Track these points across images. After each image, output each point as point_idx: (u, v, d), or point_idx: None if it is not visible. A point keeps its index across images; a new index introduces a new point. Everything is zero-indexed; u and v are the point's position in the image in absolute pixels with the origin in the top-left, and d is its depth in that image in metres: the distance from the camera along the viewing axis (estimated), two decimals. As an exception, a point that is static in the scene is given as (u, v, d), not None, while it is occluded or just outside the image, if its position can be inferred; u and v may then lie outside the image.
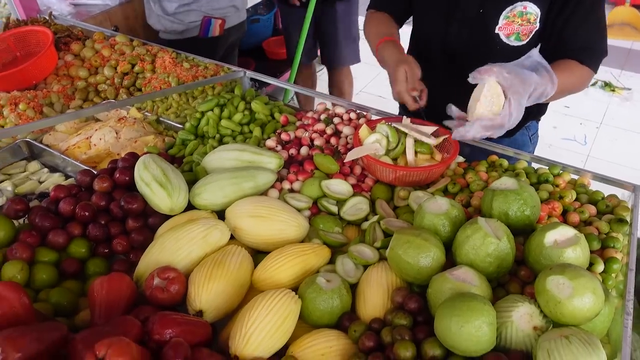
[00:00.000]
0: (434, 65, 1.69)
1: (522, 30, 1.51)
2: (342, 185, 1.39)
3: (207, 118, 1.68)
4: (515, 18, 1.50)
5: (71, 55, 2.15)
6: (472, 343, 0.87)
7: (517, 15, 1.49)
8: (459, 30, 1.59)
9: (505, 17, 1.50)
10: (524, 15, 1.49)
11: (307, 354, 0.99)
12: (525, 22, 1.50)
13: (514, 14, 1.49)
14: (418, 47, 1.76)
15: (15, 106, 1.85)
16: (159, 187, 1.28)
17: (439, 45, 1.66)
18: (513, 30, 1.52)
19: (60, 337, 0.86)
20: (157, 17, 2.55)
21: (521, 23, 1.50)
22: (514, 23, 1.51)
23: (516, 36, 1.52)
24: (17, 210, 1.28)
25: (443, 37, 1.64)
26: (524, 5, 1.48)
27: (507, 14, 1.50)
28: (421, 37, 1.74)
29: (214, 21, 2.54)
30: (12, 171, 1.69)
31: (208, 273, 1.10)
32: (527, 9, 1.48)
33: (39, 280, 1.16)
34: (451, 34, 1.61)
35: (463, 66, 1.61)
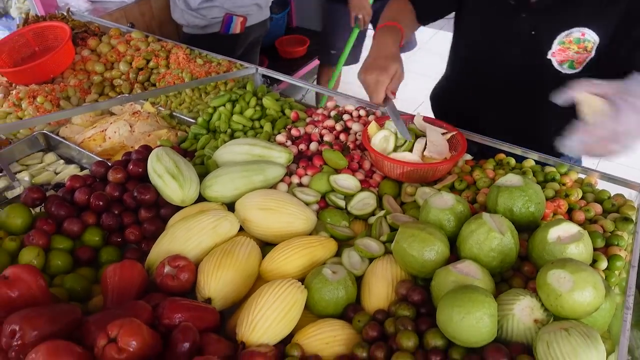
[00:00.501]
0: (480, 81, 1.65)
1: (577, 58, 1.41)
2: (350, 180, 1.41)
3: (219, 113, 1.71)
4: (572, 44, 1.40)
5: (88, 51, 2.20)
6: (473, 334, 0.88)
7: (573, 42, 1.39)
8: (509, 49, 1.51)
9: (560, 42, 1.41)
10: (581, 43, 1.38)
11: (311, 343, 1.01)
12: (582, 50, 1.39)
13: (570, 39, 1.39)
14: (463, 59, 1.70)
15: (33, 99, 1.90)
16: (171, 179, 1.31)
17: (486, 62, 1.60)
18: (567, 57, 1.42)
19: (75, 318, 0.89)
20: (181, 12, 2.60)
21: (577, 50, 1.40)
22: (569, 50, 1.40)
23: (570, 64, 1.43)
24: (34, 199, 1.32)
25: (491, 55, 1.57)
26: (581, 32, 1.37)
27: (563, 39, 1.40)
28: (467, 49, 1.68)
29: (236, 18, 2.58)
30: (29, 162, 1.74)
31: (217, 262, 1.13)
32: (585, 35, 1.37)
33: (54, 266, 1.20)
34: (501, 55, 1.54)
35: (511, 87, 1.57)
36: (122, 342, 0.78)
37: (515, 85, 1.57)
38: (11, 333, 0.82)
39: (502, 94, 1.62)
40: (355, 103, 1.74)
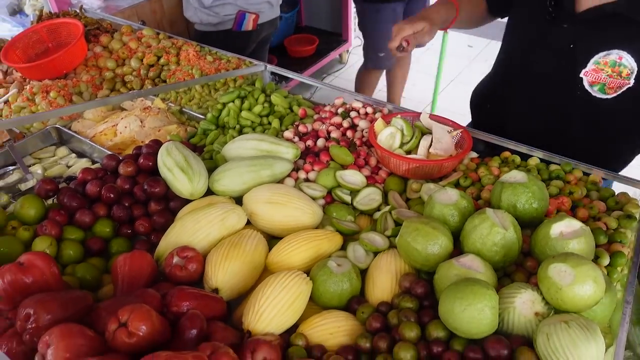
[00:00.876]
0: (510, 87, 1.64)
1: (609, 83, 1.34)
2: (356, 176, 1.43)
3: (228, 109, 1.73)
4: (606, 67, 1.32)
5: (100, 47, 2.23)
6: (474, 325, 0.90)
7: (608, 64, 1.32)
8: (544, 61, 1.47)
9: (595, 62, 1.34)
10: (616, 66, 1.31)
11: (316, 333, 1.03)
12: (616, 75, 1.32)
13: (605, 61, 1.32)
14: (500, 62, 1.69)
15: (47, 94, 1.94)
16: (180, 172, 1.34)
17: (519, 69, 1.58)
18: (599, 80, 1.35)
19: (86, 304, 0.92)
20: (194, 10, 2.63)
21: (610, 74, 1.32)
22: (603, 72, 1.33)
23: (600, 87, 1.36)
24: (48, 190, 1.35)
25: (525, 62, 1.54)
26: (619, 55, 1.30)
27: (598, 60, 1.33)
28: (507, 53, 1.66)
29: (248, 16, 2.61)
30: (42, 155, 1.78)
31: (225, 253, 1.15)
32: (622, 60, 1.30)
33: (66, 255, 1.23)
34: (535, 62, 1.50)
35: (541, 97, 1.54)
36: (132, 326, 0.81)
37: (544, 99, 1.53)
38: (26, 316, 0.84)
39: (530, 104, 1.59)
40: (363, 100, 1.76)
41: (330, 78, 4.79)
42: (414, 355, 0.93)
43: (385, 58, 3.46)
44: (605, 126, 1.48)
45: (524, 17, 1.54)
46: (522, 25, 1.54)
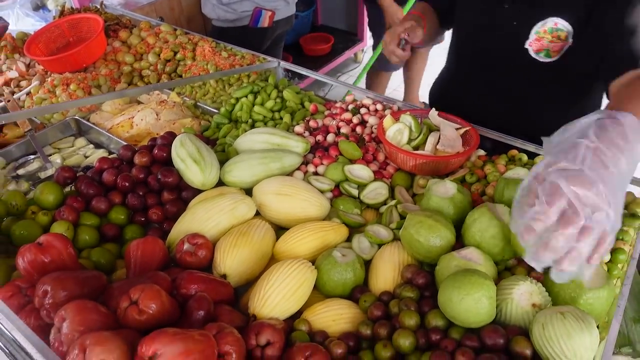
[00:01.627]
0: (469, 73, 1.74)
1: (552, 47, 1.47)
2: (363, 171, 1.46)
3: (241, 104, 1.78)
4: (546, 34, 1.46)
5: (119, 42, 2.29)
6: (471, 314, 0.93)
7: (547, 32, 1.46)
8: (493, 42, 1.59)
9: (536, 32, 1.48)
10: (555, 32, 1.45)
11: (319, 319, 1.07)
12: (556, 39, 1.45)
13: (544, 29, 1.46)
14: (456, 52, 1.79)
15: (67, 86, 2.00)
16: (193, 163, 1.38)
17: (474, 52, 1.68)
18: (542, 47, 1.49)
19: (100, 284, 0.97)
20: (212, 7, 2.69)
21: (551, 39, 1.46)
22: (544, 39, 1.47)
23: (546, 52, 1.49)
24: (66, 178, 1.40)
25: (476, 49, 1.66)
26: (555, 22, 1.44)
27: (538, 29, 1.47)
28: (458, 42, 1.77)
29: (265, 12, 2.65)
30: (61, 146, 1.84)
31: (233, 241, 1.19)
32: (558, 25, 1.44)
33: (82, 240, 1.28)
34: (485, 45, 1.62)
35: (496, 77, 1.65)
36: (142, 304, 0.85)
37: (499, 75, 1.65)
38: (43, 293, 0.89)
39: (487, 86, 1.70)
40: (373, 97, 1.78)
41: (345, 77, 4.81)
42: (412, 342, 0.96)
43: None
44: (556, 88, 1.58)
45: (470, 4, 1.65)
46: (468, 13, 1.66)
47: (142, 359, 0.75)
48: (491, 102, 1.69)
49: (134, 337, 0.81)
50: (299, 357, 0.93)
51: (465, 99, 1.73)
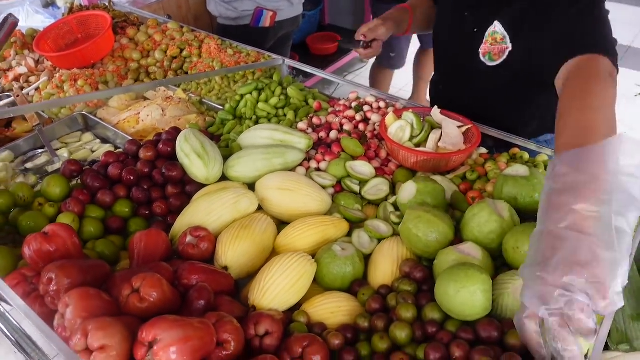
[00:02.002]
0: (444, 72, 1.82)
1: (493, 50, 1.52)
2: (365, 167, 1.47)
3: (246, 100, 1.79)
4: (489, 37, 1.52)
5: (126, 39, 2.32)
6: (467, 307, 0.94)
7: (490, 34, 1.52)
8: (457, 46, 1.66)
9: (486, 37, 1.53)
10: (494, 35, 1.51)
11: (317, 311, 1.08)
12: (494, 42, 1.51)
13: (489, 33, 1.52)
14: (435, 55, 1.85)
15: (75, 82, 2.03)
16: (197, 158, 1.40)
17: (446, 59, 1.77)
18: (487, 50, 1.54)
19: (103, 272, 0.99)
20: (215, 4, 2.71)
21: (492, 43, 1.52)
22: (487, 42, 1.53)
23: (489, 56, 1.54)
24: (72, 171, 1.43)
25: (444, 51, 1.76)
26: (494, 25, 1.50)
27: (487, 34, 1.53)
28: (436, 43, 1.82)
29: (266, 12, 2.67)
30: (68, 140, 1.87)
31: (235, 234, 1.21)
32: (495, 28, 1.50)
33: (87, 232, 1.30)
34: (451, 48, 1.70)
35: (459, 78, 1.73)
36: (144, 292, 0.87)
37: (465, 79, 1.71)
38: (48, 280, 0.92)
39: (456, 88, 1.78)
40: (377, 95, 1.80)
41: (351, 76, 4.83)
42: (409, 334, 0.97)
43: (396, 59, 3.59)
44: (512, 89, 1.59)
45: (445, 6, 1.72)
46: (441, 15, 1.74)
47: (143, 344, 0.77)
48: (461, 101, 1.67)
49: (135, 324, 0.83)
50: (296, 347, 0.94)
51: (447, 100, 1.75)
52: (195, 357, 0.79)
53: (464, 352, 0.89)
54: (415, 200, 1.23)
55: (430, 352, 0.91)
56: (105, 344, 0.77)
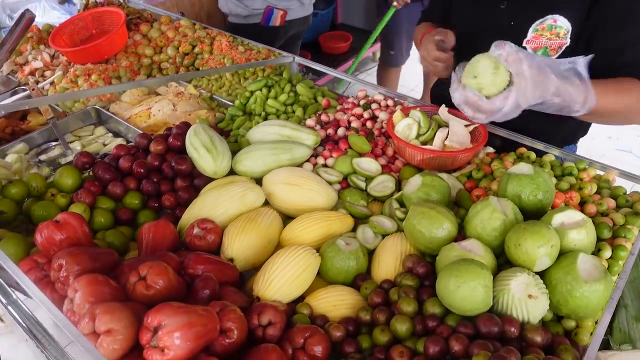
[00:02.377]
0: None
1: (550, 45, 1.48)
2: (371, 164, 1.49)
3: (255, 97, 1.82)
4: (544, 32, 1.47)
5: (140, 35, 2.36)
6: (467, 302, 0.95)
7: (546, 29, 1.47)
8: (491, 40, 1.57)
9: (534, 30, 1.48)
10: (553, 29, 1.46)
11: (320, 304, 1.10)
12: (554, 37, 1.46)
13: (543, 27, 1.47)
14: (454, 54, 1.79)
15: (89, 77, 2.07)
16: (205, 152, 1.43)
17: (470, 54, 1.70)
18: (541, 45, 1.48)
19: (112, 260, 1.02)
20: (225, 1, 2.74)
21: (549, 37, 1.46)
22: (542, 37, 1.47)
23: (543, 50, 1.49)
24: (84, 163, 1.46)
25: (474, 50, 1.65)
26: (554, 19, 1.45)
27: (536, 27, 1.48)
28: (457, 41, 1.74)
29: (276, 12, 2.69)
30: (81, 134, 1.91)
31: (241, 227, 1.23)
32: (557, 22, 1.44)
33: (97, 222, 1.33)
34: (483, 46, 1.58)
35: None
36: (150, 280, 0.90)
37: None
38: (58, 266, 0.94)
39: None
40: (385, 93, 1.81)
41: (363, 76, 4.84)
42: (409, 328, 0.98)
43: (397, 56, 3.64)
44: None
45: (465, 7, 1.67)
46: (464, 16, 1.67)
47: (148, 329, 0.80)
48: None
49: (141, 310, 0.86)
50: (298, 337, 0.96)
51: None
52: (199, 342, 0.81)
53: (463, 346, 0.90)
54: (419, 192, 1.23)
55: (430, 345, 0.92)
56: (111, 327, 0.79)
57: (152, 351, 0.78)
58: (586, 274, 0.98)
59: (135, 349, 0.82)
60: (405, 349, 0.95)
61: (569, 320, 1.04)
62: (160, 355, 0.78)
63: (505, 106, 1.19)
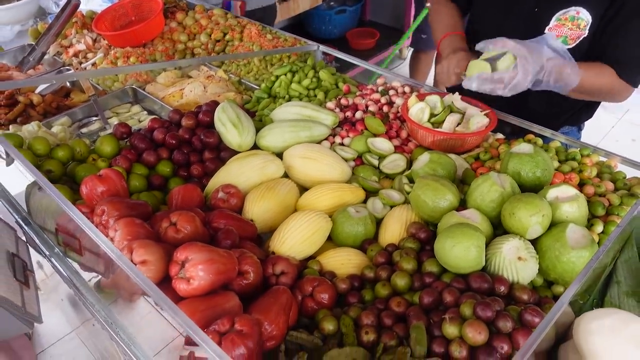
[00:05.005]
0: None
1: (570, 35, 1.57)
2: (385, 144, 1.59)
3: (280, 81, 1.94)
4: (567, 22, 1.56)
5: (175, 23, 2.51)
6: (461, 260, 1.05)
7: (568, 19, 1.56)
8: (513, 26, 1.67)
9: (557, 19, 1.57)
10: (575, 20, 1.55)
11: (329, 262, 1.21)
12: (575, 27, 1.56)
13: (565, 17, 1.56)
14: (471, 40, 1.84)
15: (127, 59, 2.23)
16: (232, 127, 1.55)
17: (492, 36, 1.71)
18: (562, 33, 1.58)
19: (146, 211, 1.15)
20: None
21: (571, 27, 1.56)
22: (564, 26, 1.57)
23: (564, 39, 1.58)
24: (122, 132, 1.61)
25: (497, 32, 1.69)
26: (577, 10, 1.54)
27: (560, 17, 1.57)
28: (476, 30, 1.83)
29: (234, 3, 2.77)
30: (119, 111, 2.06)
31: (261, 194, 1.35)
32: (580, 14, 1.54)
33: (132, 186, 1.47)
34: (505, 29, 1.65)
35: None
36: (180, 225, 1.02)
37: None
38: (101, 211, 1.08)
39: None
40: (403, 81, 1.91)
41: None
42: (407, 283, 1.09)
43: (428, 39, 3.71)
44: None
45: None
46: (491, 1, 1.73)
47: (177, 262, 0.92)
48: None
49: (171, 250, 0.98)
50: (307, 286, 1.08)
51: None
52: (219, 277, 0.93)
53: (454, 298, 1.00)
54: (426, 167, 1.33)
55: (424, 296, 1.03)
56: (146, 259, 0.92)
57: (179, 281, 0.91)
58: (574, 242, 1.06)
59: (165, 280, 0.95)
60: (402, 300, 1.05)
61: (557, 286, 1.13)
62: (186, 284, 0.90)
63: (516, 75, 1.33)
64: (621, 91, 1.58)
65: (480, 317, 0.91)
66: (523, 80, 1.35)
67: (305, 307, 1.06)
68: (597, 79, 1.52)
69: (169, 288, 0.92)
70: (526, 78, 1.34)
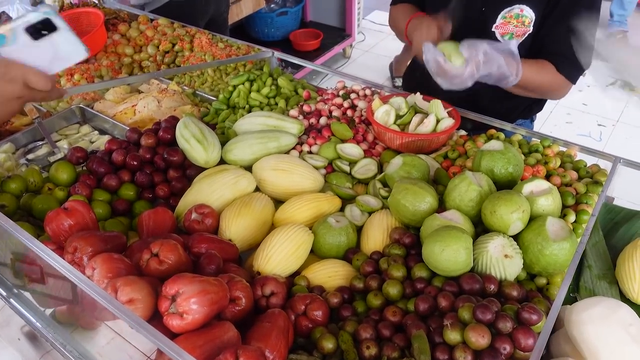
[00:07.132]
0: None
1: (516, 32, 1.64)
2: (355, 149, 1.58)
3: (239, 90, 1.89)
4: (512, 19, 1.63)
5: (118, 35, 2.39)
6: (451, 263, 1.05)
7: (513, 17, 1.63)
8: (462, 25, 1.69)
9: (502, 17, 1.64)
10: (520, 18, 1.62)
11: (316, 276, 1.19)
12: (520, 24, 1.63)
13: (510, 15, 1.63)
14: None
15: (71, 76, 2.10)
16: (196, 143, 1.50)
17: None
18: (508, 30, 1.65)
19: (121, 243, 1.09)
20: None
21: (516, 24, 1.63)
22: (510, 24, 1.64)
23: (510, 36, 1.66)
24: (78, 157, 1.51)
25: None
26: (520, 8, 1.61)
27: (505, 14, 1.63)
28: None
29: None
30: (67, 132, 1.93)
31: (237, 211, 1.31)
32: (524, 12, 1.61)
33: (96, 214, 1.36)
34: (455, 27, 1.70)
35: None
36: (162, 255, 0.97)
37: None
38: (73, 249, 1.00)
39: None
40: (362, 83, 1.91)
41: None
42: (400, 291, 1.08)
43: None
44: None
45: None
46: (440, 1, 1.75)
47: (166, 297, 0.87)
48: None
49: (155, 284, 0.93)
50: (299, 305, 1.05)
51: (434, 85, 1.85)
52: (213, 308, 0.89)
53: (449, 302, 1.01)
54: (401, 170, 1.34)
55: (420, 303, 1.03)
56: (133, 297, 0.86)
57: (171, 317, 0.86)
58: (554, 235, 1.10)
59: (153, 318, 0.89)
60: (397, 309, 1.05)
61: (541, 277, 1.16)
62: (180, 319, 0.85)
63: (464, 73, 1.36)
64: (560, 88, 1.66)
65: (480, 320, 0.92)
66: (467, 79, 1.39)
67: (299, 327, 1.04)
68: (538, 76, 1.58)
69: (160, 325, 0.87)
70: (471, 79, 1.38)
